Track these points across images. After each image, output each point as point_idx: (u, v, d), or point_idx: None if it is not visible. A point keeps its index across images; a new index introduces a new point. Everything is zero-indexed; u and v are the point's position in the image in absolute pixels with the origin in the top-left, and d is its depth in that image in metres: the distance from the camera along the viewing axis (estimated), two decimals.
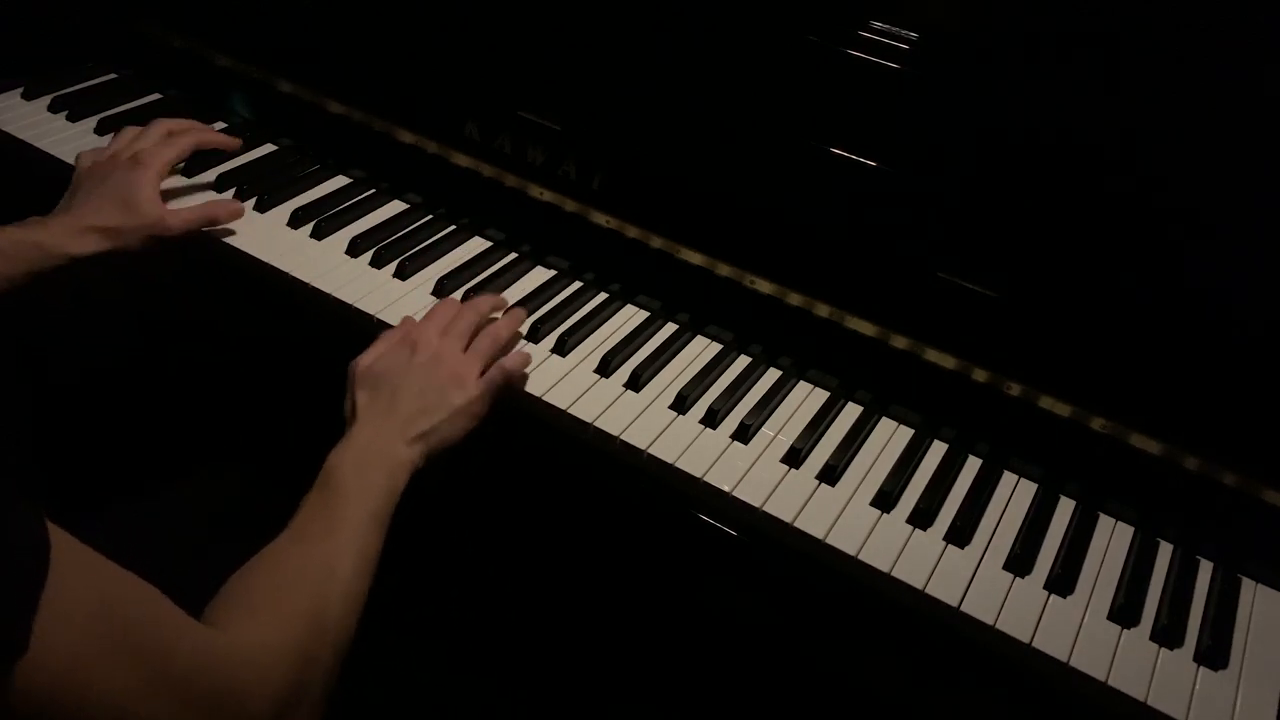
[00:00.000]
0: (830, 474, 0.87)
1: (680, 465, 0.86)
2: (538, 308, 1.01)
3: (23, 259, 0.90)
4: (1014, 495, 0.89)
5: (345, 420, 0.85)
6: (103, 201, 0.96)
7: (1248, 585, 0.84)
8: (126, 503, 1.02)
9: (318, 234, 1.07)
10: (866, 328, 0.94)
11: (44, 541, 0.49)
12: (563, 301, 1.02)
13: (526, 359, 0.93)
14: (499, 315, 0.97)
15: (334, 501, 0.75)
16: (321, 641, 0.67)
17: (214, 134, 1.11)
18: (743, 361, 0.98)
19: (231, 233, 1.05)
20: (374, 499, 0.77)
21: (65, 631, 0.49)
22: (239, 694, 0.58)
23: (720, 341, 1.01)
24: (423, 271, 1.04)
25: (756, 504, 0.84)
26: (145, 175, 0.99)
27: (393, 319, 0.97)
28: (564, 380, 0.93)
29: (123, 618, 0.53)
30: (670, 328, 1.02)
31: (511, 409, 0.92)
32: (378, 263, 1.04)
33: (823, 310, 0.95)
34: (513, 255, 1.08)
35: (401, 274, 1.03)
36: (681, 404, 0.91)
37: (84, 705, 0.50)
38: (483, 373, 0.88)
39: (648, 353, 0.97)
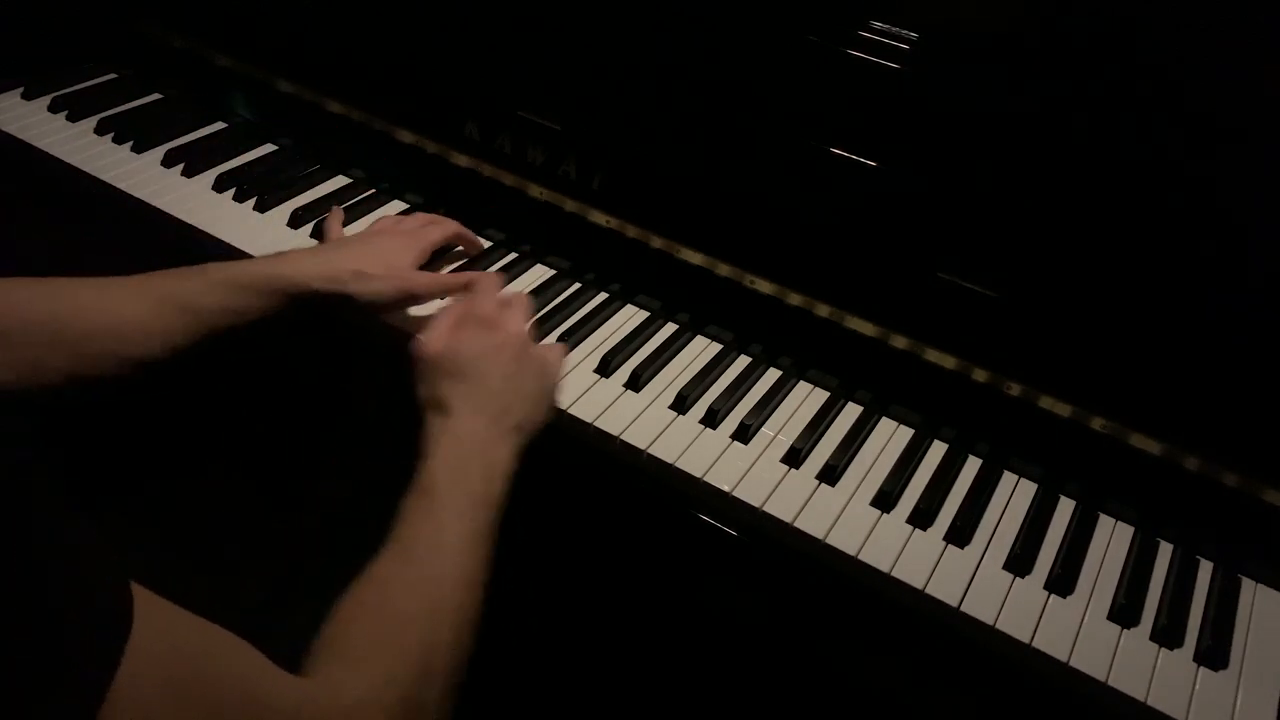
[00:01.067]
0: (830, 474, 0.87)
1: (680, 465, 0.86)
2: (538, 308, 1.01)
3: (273, 292, 0.86)
4: (1014, 495, 0.89)
5: (422, 409, 0.79)
6: (363, 250, 0.93)
7: (1248, 585, 0.84)
8: (129, 503, 1.02)
9: (318, 234, 1.07)
10: (866, 328, 0.94)
11: (126, 596, 0.48)
12: (563, 301, 1.02)
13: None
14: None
15: (437, 518, 0.71)
16: (430, 686, 0.62)
17: (471, 239, 1.05)
18: (743, 361, 0.98)
19: (232, 233, 1.05)
20: (475, 511, 0.72)
21: (148, 692, 0.47)
22: None
23: (720, 341, 1.01)
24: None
25: (756, 504, 0.84)
26: (409, 245, 0.95)
27: (392, 319, 0.97)
28: (564, 380, 0.93)
29: (212, 678, 0.51)
30: (670, 328, 1.02)
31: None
32: None
33: (823, 310, 0.95)
34: (513, 255, 1.08)
35: None
36: (681, 404, 0.92)
37: None
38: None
39: (648, 353, 0.97)
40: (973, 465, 0.91)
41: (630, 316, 1.02)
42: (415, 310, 0.95)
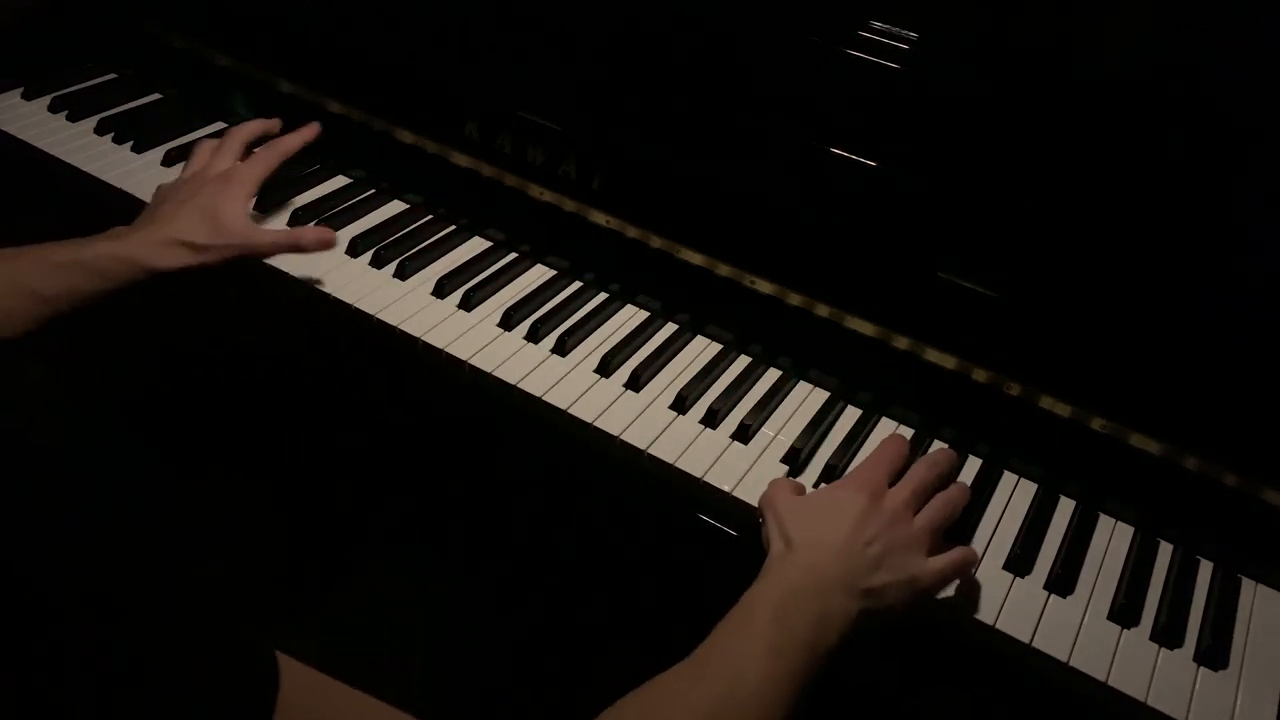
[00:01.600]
0: (831, 474, 0.87)
1: (680, 465, 0.86)
2: (538, 308, 1.01)
3: (106, 273, 0.88)
4: (1014, 495, 0.89)
5: (766, 549, 0.74)
6: (191, 215, 0.94)
7: (1248, 585, 0.84)
8: (133, 504, 1.02)
9: None
10: (866, 328, 0.94)
11: (273, 663, 0.48)
12: (563, 301, 1.02)
13: (975, 559, 0.78)
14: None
15: (745, 641, 0.65)
16: None
17: (291, 140, 1.06)
18: (743, 361, 0.98)
19: None
20: (794, 652, 0.64)
21: None
22: None
23: (720, 341, 1.01)
24: (422, 271, 1.04)
25: (756, 504, 0.83)
26: (236, 191, 0.97)
27: (393, 319, 0.97)
28: (564, 380, 0.93)
29: None
30: (670, 328, 1.02)
31: (512, 410, 0.92)
32: (378, 263, 1.04)
33: (823, 310, 0.95)
34: (513, 255, 1.08)
35: (401, 274, 1.03)
36: (681, 404, 0.92)
37: None
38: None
39: (648, 353, 0.97)
40: (973, 465, 0.91)
41: (630, 316, 1.02)
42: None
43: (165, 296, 0.92)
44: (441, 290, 1.01)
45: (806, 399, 0.96)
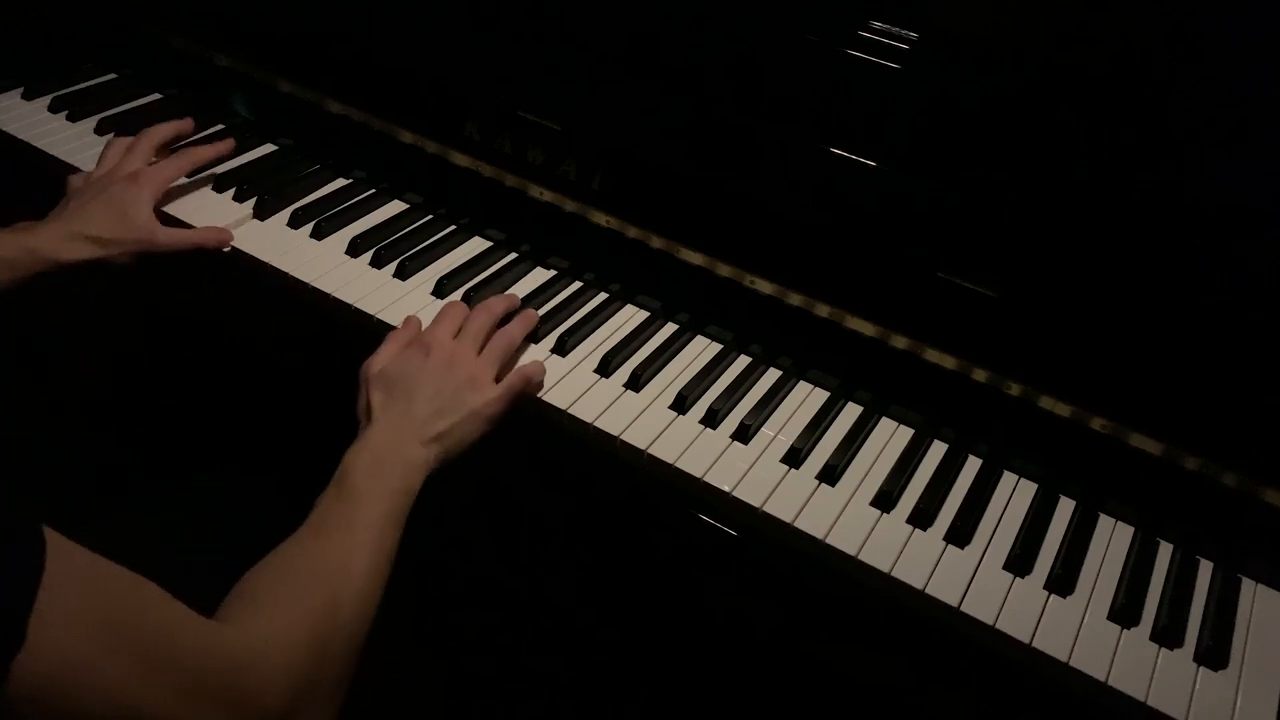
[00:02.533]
0: (830, 474, 0.87)
1: (680, 465, 0.86)
2: (538, 308, 1.01)
3: (13, 264, 0.91)
4: (1014, 495, 0.89)
5: (359, 421, 0.85)
6: (97, 211, 0.98)
7: (1248, 585, 0.84)
8: (125, 505, 1.02)
9: (318, 234, 1.07)
10: (866, 328, 0.94)
11: (39, 540, 0.50)
12: (563, 301, 1.02)
13: (543, 369, 0.92)
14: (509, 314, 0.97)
15: (349, 501, 0.75)
16: (335, 636, 0.66)
17: (204, 151, 1.10)
18: (743, 361, 0.98)
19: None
20: (389, 499, 0.77)
21: (63, 629, 0.49)
22: (249, 688, 0.58)
23: (720, 341, 1.01)
24: (423, 271, 1.04)
25: (756, 504, 0.84)
26: (142, 191, 1.01)
27: (393, 319, 0.97)
28: (564, 380, 0.93)
29: (124, 615, 0.53)
30: (670, 328, 1.02)
31: (511, 410, 0.92)
32: (378, 263, 1.04)
33: (823, 310, 0.95)
34: (513, 255, 1.08)
35: (402, 274, 1.03)
36: (681, 404, 0.91)
37: (86, 701, 0.50)
38: (498, 377, 0.88)
39: (648, 353, 0.97)
40: (973, 465, 0.91)
41: (630, 316, 1.02)
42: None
43: (159, 290, 0.93)
44: (441, 290, 1.01)
45: (806, 399, 0.96)
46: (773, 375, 0.97)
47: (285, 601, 0.66)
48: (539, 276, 1.06)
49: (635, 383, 0.93)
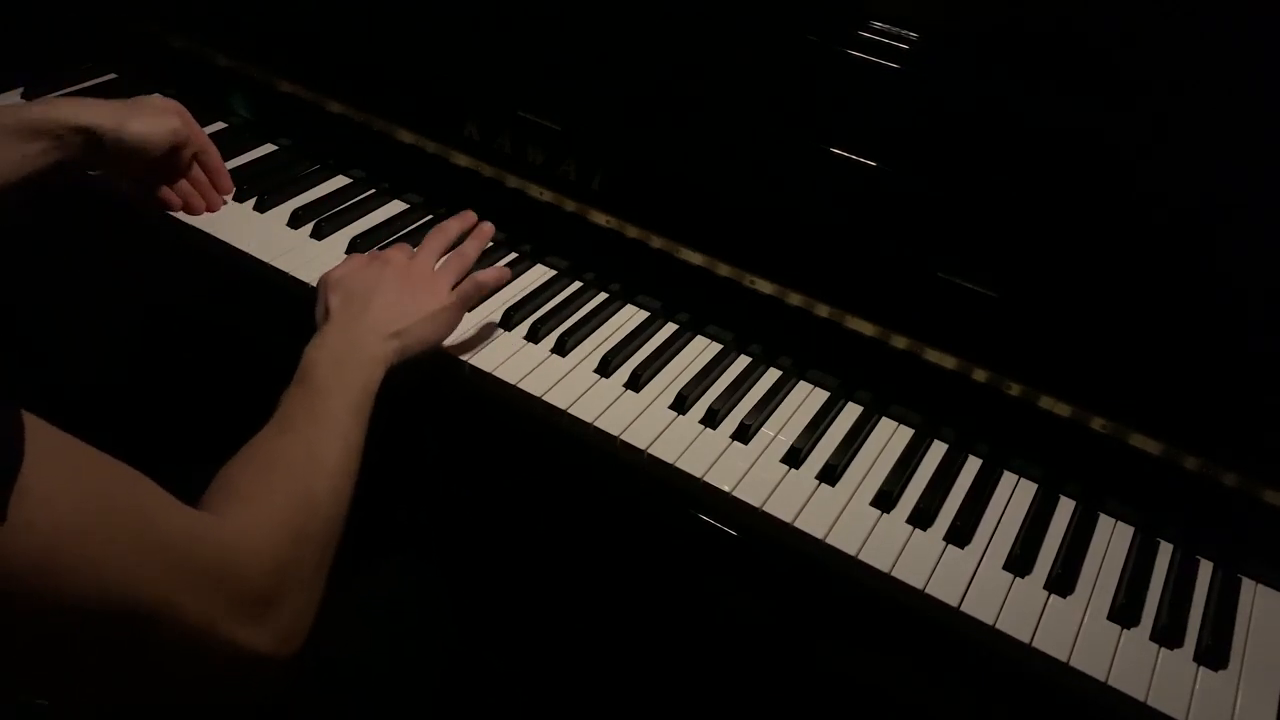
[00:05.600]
0: (830, 474, 0.87)
1: (680, 465, 0.86)
2: (538, 308, 1.01)
3: (63, 142, 0.93)
4: (1014, 495, 0.89)
5: (317, 325, 0.87)
6: (137, 107, 1.00)
7: (1248, 585, 0.84)
8: None
9: (318, 234, 1.07)
10: (866, 328, 0.94)
11: (17, 424, 0.49)
12: (563, 301, 1.02)
13: (503, 273, 0.97)
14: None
15: (314, 395, 0.78)
16: (312, 519, 0.68)
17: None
18: (743, 361, 0.98)
19: (232, 233, 1.05)
20: (353, 392, 0.79)
21: (47, 509, 0.49)
22: (234, 567, 0.59)
23: (720, 341, 1.01)
24: None
25: (756, 504, 0.84)
26: (172, 115, 1.03)
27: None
28: (564, 380, 0.93)
29: (111, 496, 0.53)
30: (670, 328, 1.02)
31: (512, 410, 0.92)
32: None
33: (823, 310, 0.95)
34: (513, 255, 1.08)
35: None
36: (681, 404, 0.91)
37: (75, 580, 0.50)
38: (454, 287, 0.92)
39: (648, 353, 0.97)
40: (973, 465, 0.91)
41: (630, 316, 1.02)
42: None
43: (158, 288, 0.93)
44: None
45: (806, 399, 0.95)
46: (773, 375, 0.97)
47: (263, 492, 0.68)
48: (539, 276, 1.06)
49: (635, 383, 0.93)
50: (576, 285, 1.05)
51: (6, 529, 0.47)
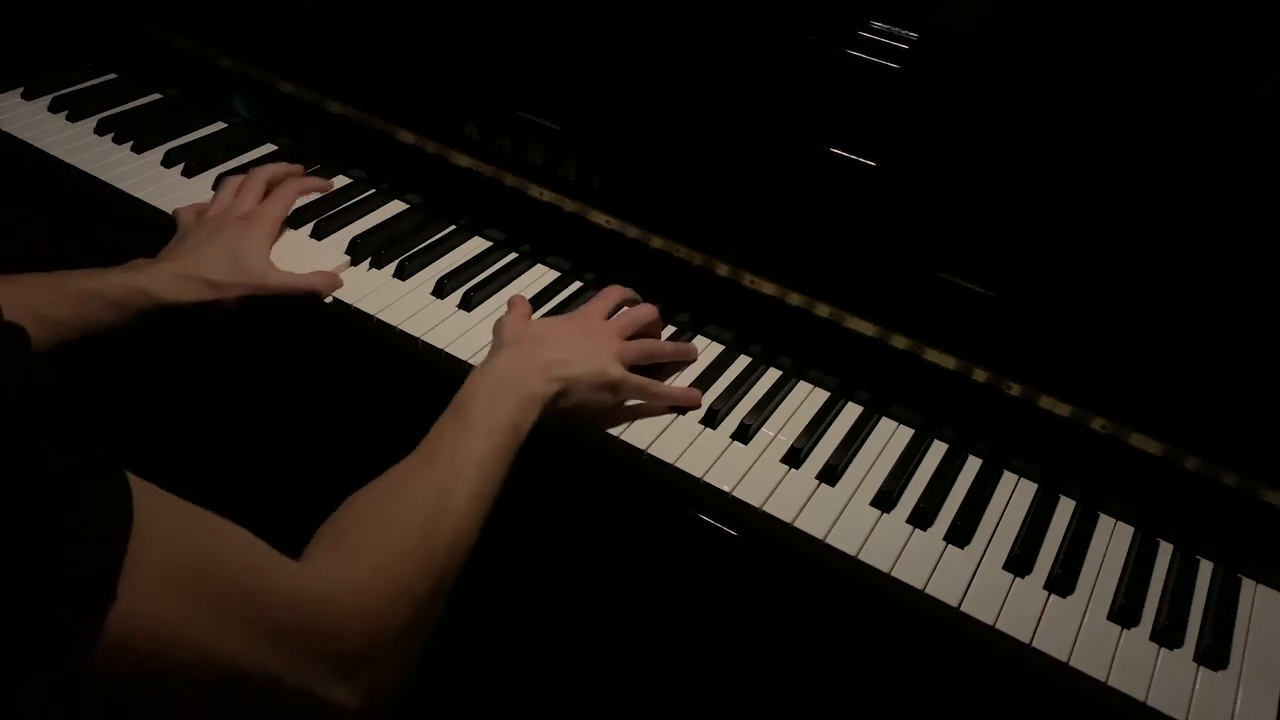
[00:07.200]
0: (830, 474, 0.87)
1: (680, 465, 0.86)
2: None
3: (129, 306, 0.90)
4: (1014, 495, 0.89)
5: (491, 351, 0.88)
6: (211, 253, 0.96)
7: (1248, 585, 0.84)
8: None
9: (317, 234, 1.07)
10: (866, 328, 0.94)
11: (125, 489, 0.49)
12: (563, 302, 1.02)
13: (685, 397, 0.92)
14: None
15: (462, 429, 0.76)
16: (425, 577, 0.65)
17: (310, 181, 1.12)
18: (743, 361, 0.98)
19: None
20: (503, 433, 0.77)
21: (155, 583, 0.48)
22: (333, 630, 0.58)
23: (720, 341, 1.01)
24: (423, 271, 1.04)
25: (756, 504, 0.84)
26: (257, 232, 1.00)
27: (392, 319, 0.97)
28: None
29: (214, 564, 0.52)
30: (670, 329, 1.02)
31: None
32: (377, 263, 1.04)
33: (823, 310, 0.95)
34: (513, 255, 1.08)
35: (401, 274, 1.03)
36: None
37: (177, 655, 0.49)
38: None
39: None
40: (973, 465, 0.91)
41: None
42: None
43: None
44: (441, 290, 1.01)
45: (806, 399, 0.95)
46: (773, 375, 0.97)
47: (375, 541, 0.65)
48: (539, 276, 1.06)
49: None
50: (577, 285, 1.05)
51: (116, 611, 0.46)
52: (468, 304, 1.00)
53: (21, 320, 0.83)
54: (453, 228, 1.11)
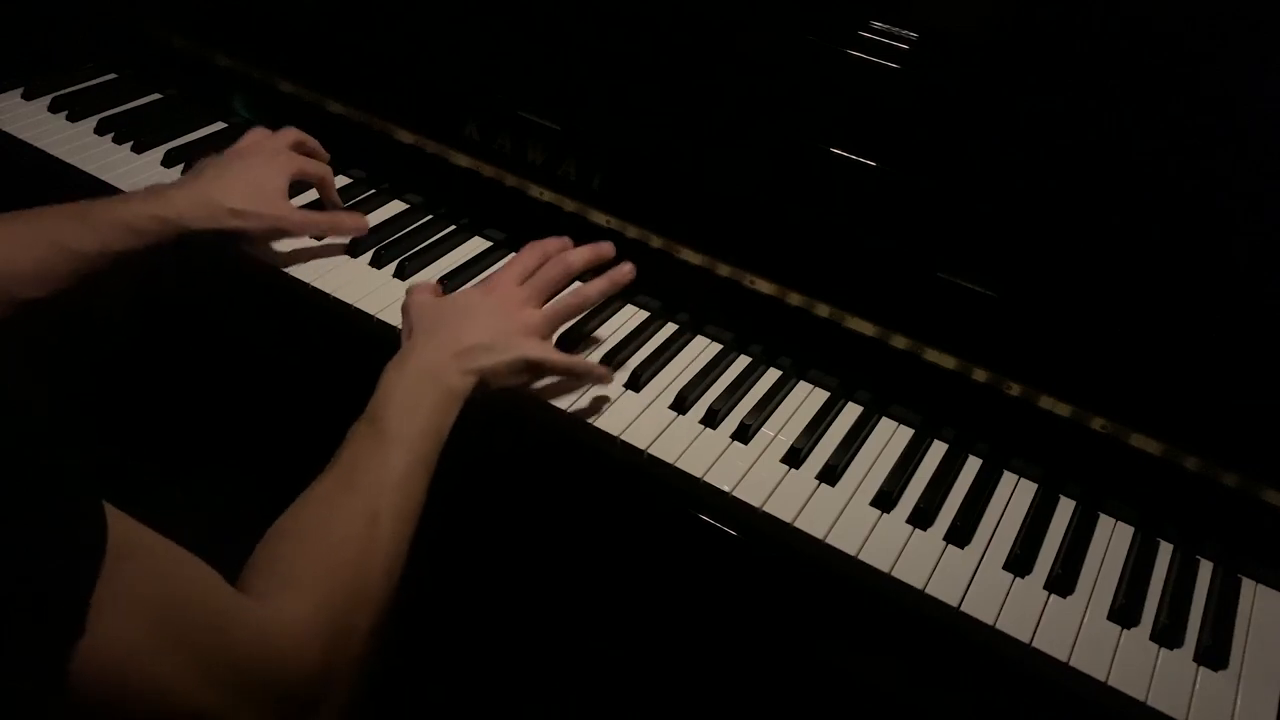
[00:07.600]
0: (830, 474, 0.87)
1: (680, 465, 0.86)
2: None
3: (143, 231, 0.89)
4: (1014, 495, 0.89)
5: (400, 341, 0.84)
6: (234, 181, 0.95)
7: (1248, 585, 0.84)
8: (123, 504, 1.02)
9: (318, 235, 1.07)
10: (866, 328, 0.94)
11: (101, 523, 0.48)
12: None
13: (606, 373, 0.91)
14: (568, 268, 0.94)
15: (380, 445, 0.73)
16: (361, 611, 0.65)
17: (331, 182, 1.07)
18: (743, 361, 0.98)
19: None
20: (425, 441, 0.75)
21: (124, 617, 0.48)
22: (282, 672, 0.58)
23: (720, 341, 1.01)
24: (423, 271, 1.04)
25: (756, 504, 0.84)
26: (280, 169, 0.98)
27: (392, 319, 0.97)
28: (563, 380, 0.93)
29: (182, 604, 0.52)
30: (670, 328, 1.02)
31: (511, 409, 0.92)
32: (378, 263, 1.04)
33: (823, 310, 0.95)
34: (513, 255, 1.08)
35: (401, 274, 1.03)
36: (681, 404, 0.91)
37: (141, 694, 0.49)
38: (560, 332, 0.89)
39: (648, 353, 0.97)
40: (973, 465, 0.91)
41: (630, 316, 1.02)
42: None
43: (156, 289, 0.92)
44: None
45: (806, 399, 0.95)
46: (773, 375, 0.97)
47: (314, 579, 0.64)
48: None
49: (635, 383, 0.93)
50: (577, 285, 1.05)
51: (84, 640, 0.46)
52: None
53: (47, 253, 0.84)
54: (453, 228, 1.11)
